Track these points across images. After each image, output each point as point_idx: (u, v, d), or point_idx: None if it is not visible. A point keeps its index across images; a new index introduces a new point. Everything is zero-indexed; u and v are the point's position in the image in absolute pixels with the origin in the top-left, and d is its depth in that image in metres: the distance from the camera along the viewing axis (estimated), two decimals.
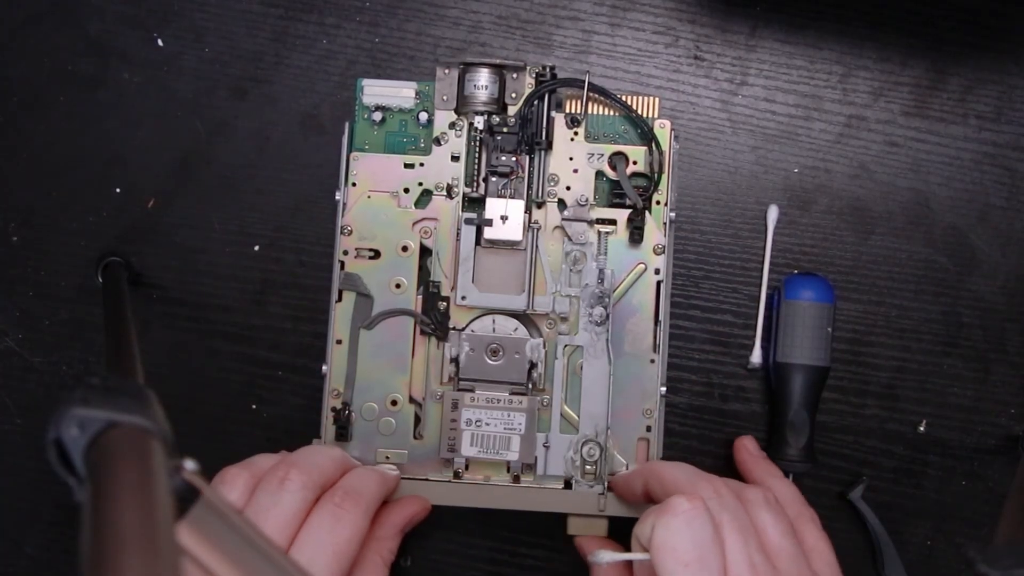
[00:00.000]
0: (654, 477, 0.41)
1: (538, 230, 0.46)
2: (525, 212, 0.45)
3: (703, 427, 0.49)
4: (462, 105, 0.46)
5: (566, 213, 0.46)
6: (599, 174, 0.46)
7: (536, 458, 0.45)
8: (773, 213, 0.49)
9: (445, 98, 0.46)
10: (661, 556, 0.35)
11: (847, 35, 0.50)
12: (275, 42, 0.50)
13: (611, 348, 0.45)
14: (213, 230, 0.50)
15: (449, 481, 0.45)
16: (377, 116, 0.47)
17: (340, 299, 0.46)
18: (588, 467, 0.45)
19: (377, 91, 0.47)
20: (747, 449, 0.47)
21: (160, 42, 0.50)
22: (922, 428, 0.49)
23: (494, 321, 0.46)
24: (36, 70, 0.50)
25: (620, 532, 0.44)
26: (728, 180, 0.50)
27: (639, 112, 0.46)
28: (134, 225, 0.50)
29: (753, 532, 0.37)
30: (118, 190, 0.50)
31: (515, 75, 0.46)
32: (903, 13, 0.50)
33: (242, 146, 0.50)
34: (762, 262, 0.49)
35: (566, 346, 0.45)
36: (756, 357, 0.48)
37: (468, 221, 0.45)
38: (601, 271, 0.45)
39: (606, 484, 0.45)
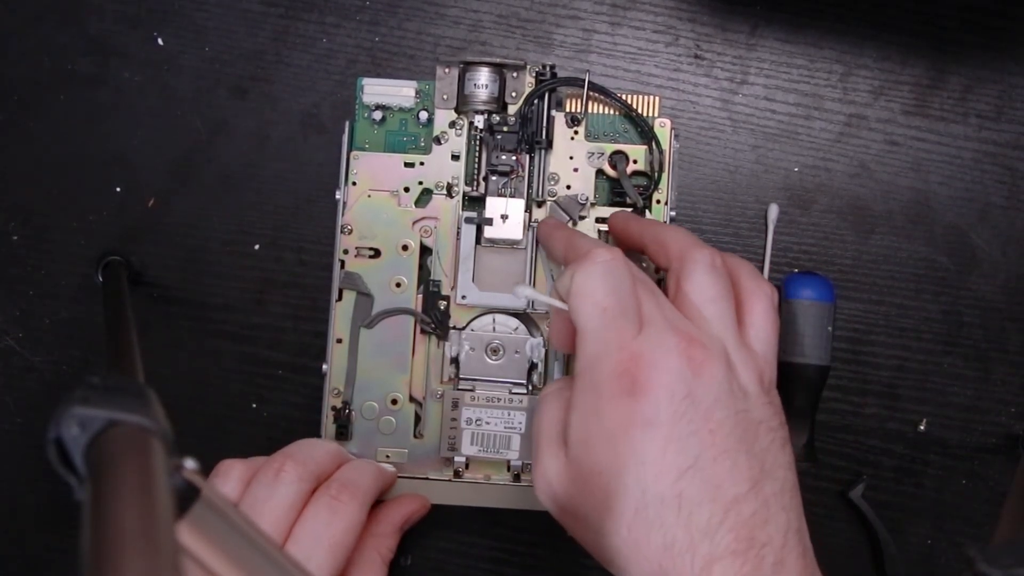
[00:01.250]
0: (572, 247, 0.40)
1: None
2: (525, 211, 0.45)
3: None
4: (462, 104, 0.46)
5: (558, 198, 0.46)
6: (599, 173, 0.46)
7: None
8: (773, 212, 0.49)
9: (445, 97, 0.46)
10: (579, 302, 0.35)
11: (847, 34, 0.50)
12: (275, 41, 0.50)
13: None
14: (213, 229, 0.50)
15: (449, 480, 0.45)
16: (377, 115, 0.47)
17: (340, 298, 0.46)
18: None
19: (377, 90, 0.47)
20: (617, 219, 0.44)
21: (160, 41, 0.50)
22: (922, 427, 0.49)
23: (494, 320, 0.46)
24: (36, 69, 0.50)
25: None
26: (728, 179, 0.50)
27: (639, 111, 0.46)
28: (134, 224, 0.50)
29: (661, 293, 0.37)
30: (118, 189, 0.50)
31: (515, 74, 0.46)
32: (903, 12, 0.50)
33: (242, 145, 0.50)
34: (762, 261, 0.49)
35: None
36: None
37: (468, 220, 0.45)
38: None
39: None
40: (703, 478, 0.33)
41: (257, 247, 0.50)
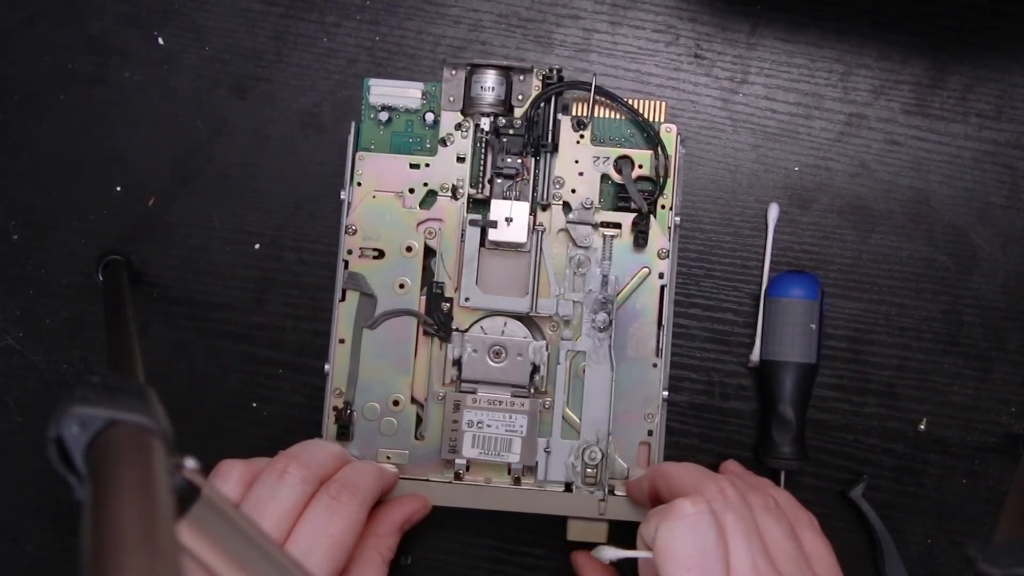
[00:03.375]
0: (660, 477, 0.41)
1: (543, 232, 0.46)
2: (530, 214, 0.45)
3: (703, 425, 0.49)
4: (468, 106, 0.46)
5: (571, 216, 0.46)
6: (604, 177, 0.46)
7: (537, 463, 0.45)
8: (774, 211, 0.49)
9: (451, 99, 0.46)
10: (664, 559, 0.35)
11: (848, 34, 0.50)
12: (275, 40, 0.50)
13: (614, 354, 0.45)
14: (213, 228, 0.50)
15: (450, 482, 0.45)
16: (383, 116, 0.47)
17: (344, 298, 0.46)
18: (589, 472, 0.45)
19: (384, 91, 0.47)
20: (731, 471, 0.46)
21: (160, 40, 0.50)
22: (922, 426, 0.49)
23: (505, 324, 0.46)
24: (37, 69, 0.50)
25: (619, 536, 0.44)
26: (729, 178, 0.49)
27: (645, 116, 0.46)
28: (134, 223, 0.50)
29: (757, 534, 0.37)
30: (118, 188, 0.50)
31: (522, 77, 0.46)
32: (903, 12, 0.50)
33: (242, 144, 0.50)
34: (763, 260, 0.49)
35: (569, 351, 0.45)
36: (756, 355, 0.48)
37: (473, 222, 0.45)
38: (605, 277, 0.45)
39: (606, 489, 0.45)
40: None
41: (257, 246, 0.50)
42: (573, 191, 0.46)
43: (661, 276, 0.46)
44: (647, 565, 0.38)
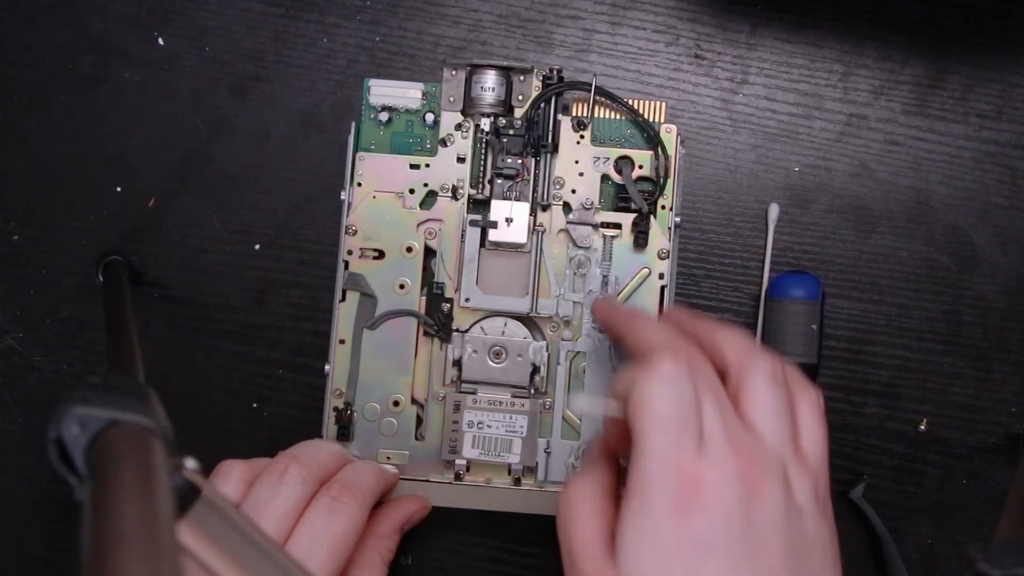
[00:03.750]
0: (632, 331, 0.39)
1: (543, 233, 0.46)
2: (530, 215, 0.45)
3: None
4: (468, 107, 0.46)
5: (571, 217, 0.46)
6: (604, 178, 0.46)
7: (537, 463, 0.45)
8: (774, 212, 0.49)
9: (452, 99, 0.46)
10: (639, 416, 0.34)
11: (848, 34, 0.50)
12: (276, 41, 0.50)
13: (614, 354, 0.45)
14: (214, 229, 0.50)
15: (450, 483, 0.45)
16: (383, 116, 0.47)
17: (344, 299, 0.46)
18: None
19: (384, 92, 0.47)
20: (675, 319, 0.42)
21: (161, 41, 0.50)
22: (923, 427, 0.49)
23: (505, 325, 0.46)
24: (37, 69, 0.50)
25: None
26: (729, 179, 0.49)
27: (645, 116, 0.46)
28: (135, 224, 0.50)
29: (728, 401, 0.35)
30: (119, 189, 0.50)
31: (522, 77, 0.46)
32: (903, 12, 0.50)
33: (243, 145, 0.50)
34: (763, 261, 0.49)
35: (569, 351, 0.45)
36: None
37: (473, 223, 0.45)
38: (605, 277, 0.45)
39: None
40: None
41: (257, 247, 0.50)
42: (573, 191, 0.46)
43: (661, 276, 0.46)
44: (616, 421, 0.37)
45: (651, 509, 0.33)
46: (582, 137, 0.46)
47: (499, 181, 0.46)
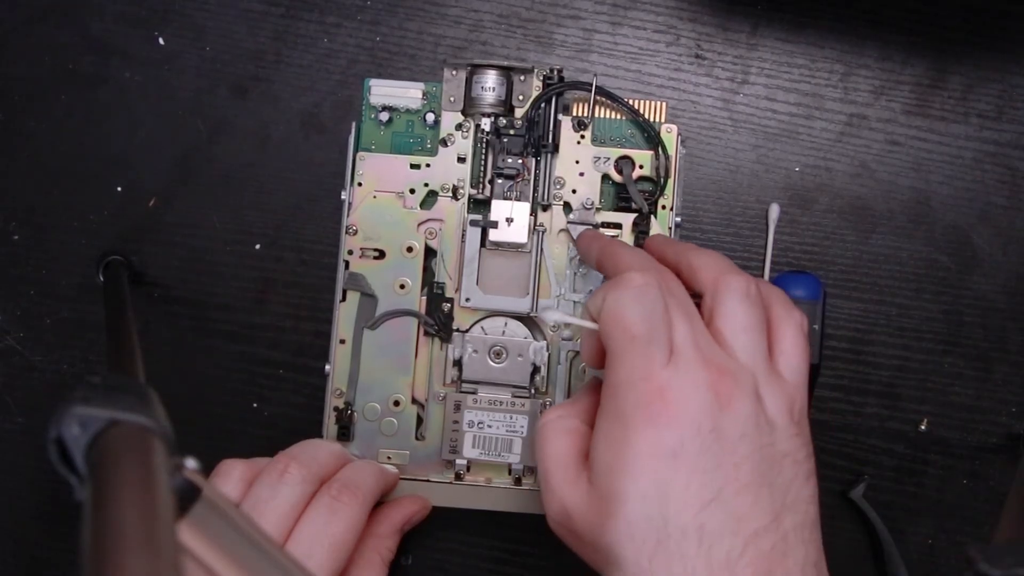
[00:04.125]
0: (610, 256, 0.40)
1: (543, 233, 0.46)
2: (530, 215, 0.45)
3: None
4: (469, 107, 0.46)
5: (571, 216, 0.46)
6: (605, 177, 0.46)
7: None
8: (774, 212, 0.49)
9: (452, 99, 0.46)
10: (610, 327, 0.35)
11: (848, 34, 0.50)
12: (276, 41, 0.50)
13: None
14: (214, 229, 0.50)
15: (450, 483, 0.45)
16: (384, 116, 0.47)
17: (344, 299, 0.46)
18: None
19: (384, 91, 0.47)
20: (658, 243, 0.42)
21: (161, 41, 0.50)
22: (923, 427, 0.49)
23: (505, 324, 0.46)
24: (37, 69, 0.50)
25: None
26: (729, 179, 0.49)
27: (646, 116, 0.46)
28: (135, 224, 0.50)
29: (700, 319, 0.36)
30: (119, 189, 0.50)
31: (522, 77, 0.46)
32: (904, 12, 0.50)
33: (243, 145, 0.50)
34: (763, 261, 0.49)
35: (569, 351, 0.45)
36: None
37: (473, 223, 0.45)
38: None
39: None
40: (725, 511, 0.33)
41: (258, 247, 0.50)
42: (574, 191, 0.46)
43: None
44: (591, 337, 0.37)
45: (621, 418, 0.34)
46: (583, 137, 0.46)
47: (499, 181, 0.46)
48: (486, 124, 0.46)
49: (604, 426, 0.35)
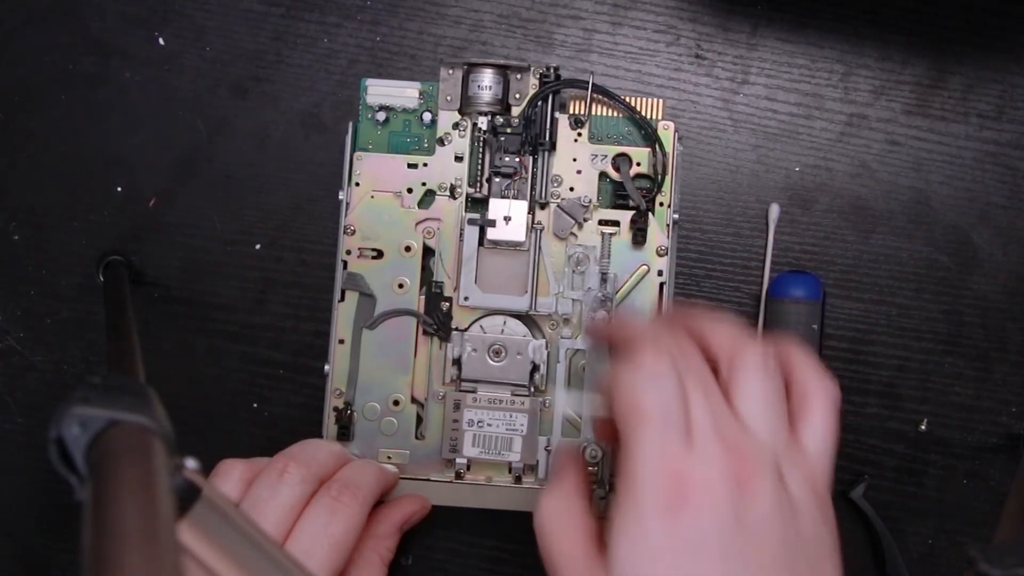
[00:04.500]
0: (620, 331, 0.39)
1: (541, 231, 0.46)
2: (528, 213, 0.45)
3: None
4: (466, 105, 0.46)
5: (563, 203, 0.46)
6: (602, 175, 0.46)
7: (538, 461, 0.45)
8: (774, 212, 0.49)
9: (449, 98, 0.46)
10: (623, 411, 0.33)
11: (848, 34, 0.50)
12: (276, 41, 0.50)
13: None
14: (214, 229, 0.50)
15: (451, 482, 0.45)
16: (381, 116, 0.47)
17: (343, 299, 0.46)
18: (591, 468, 0.45)
19: (381, 91, 0.47)
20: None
21: (161, 41, 0.50)
22: (923, 427, 0.49)
23: (504, 323, 0.46)
24: (37, 69, 0.50)
25: None
26: (729, 179, 0.49)
27: (643, 114, 0.46)
28: (135, 224, 0.50)
29: (719, 394, 0.34)
30: (119, 189, 0.50)
31: (519, 76, 0.46)
32: (904, 12, 0.50)
33: (243, 145, 0.50)
34: (763, 261, 0.49)
35: (568, 349, 0.45)
36: None
37: (471, 222, 0.45)
38: (604, 274, 0.45)
39: (608, 487, 0.45)
40: None
41: (258, 247, 0.50)
42: (571, 189, 0.46)
43: (660, 274, 0.46)
44: (603, 422, 0.36)
45: (639, 510, 0.32)
46: (580, 135, 0.46)
47: (497, 179, 0.46)
48: (483, 123, 0.46)
49: (622, 516, 0.33)
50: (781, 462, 0.34)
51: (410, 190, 0.46)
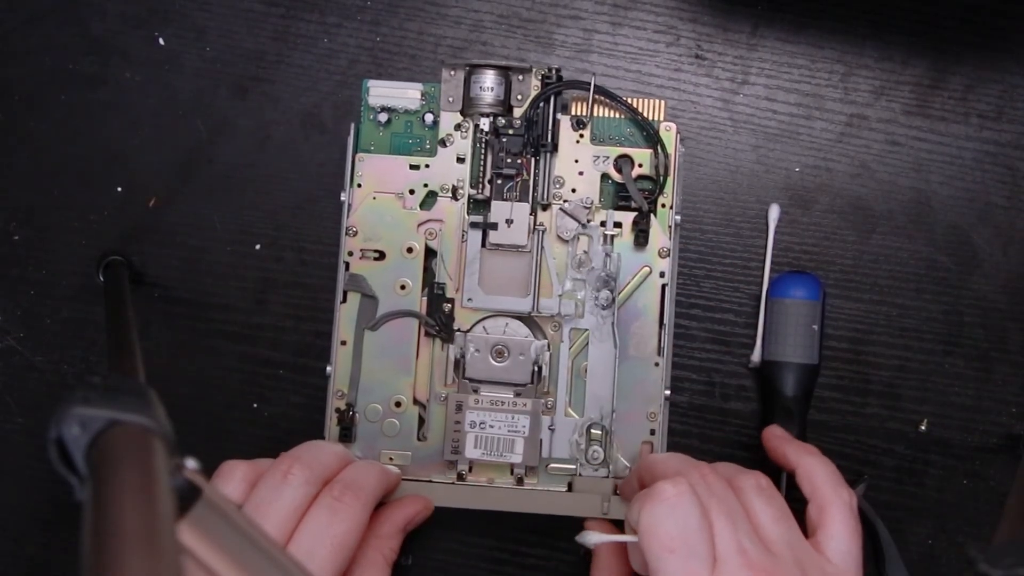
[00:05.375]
0: (646, 470, 0.41)
1: (543, 232, 0.46)
2: (530, 215, 0.45)
3: (704, 426, 0.49)
4: (468, 107, 0.46)
5: (566, 206, 0.46)
6: (604, 176, 0.46)
7: (541, 441, 0.45)
8: (774, 212, 0.49)
9: (451, 100, 0.46)
10: (647, 542, 0.35)
11: (848, 34, 0.50)
12: (276, 41, 0.50)
13: (616, 331, 0.45)
14: (214, 229, 0.50)
15: (452, 483, 0.45)
16: (383, 117, 0.47)
17: (345, 300, 0.46)
18: (594, 449, 0.45)
19: (383, 92, 0.47)
20: (774, 434, 0.44)
21: (161, 41, 0.50)
22: (923, 427, 0.49)
23: (507, 324, 0.46)
24: (37, 69, 0.50)
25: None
26: (729, 179, 0.49)
27: (645, 115, 0.46)
28: (135, 224, 0.50)
29: (743, 516, 0.36)
30: (119, 189, 0.50)
31: (521, 77, 0.46)
32: (904, 12, 0.50)
33: (243, 145, 0.50)
34: (763, 261, 0.49)
35: (572, 329, 0.45)
36: (757, 356, 0.48)
37: (473, 224, 0.45)
38: (607, 256, 0.45)
39: (611, 469, 0.45)
40: None
41: (258, 247, 0.50)
42: (573, 190, 0.46)
43: (662, 275, 0.46)
44: (636, 551, 0.37)
45: None
46: (581, 136, 0.46)
47: (499, 181, 0.46)
48: (485, 124, 0.46)
49: None
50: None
51: (412, 191, 0.46)
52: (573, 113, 0.46)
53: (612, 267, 0.45)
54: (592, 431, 0.45)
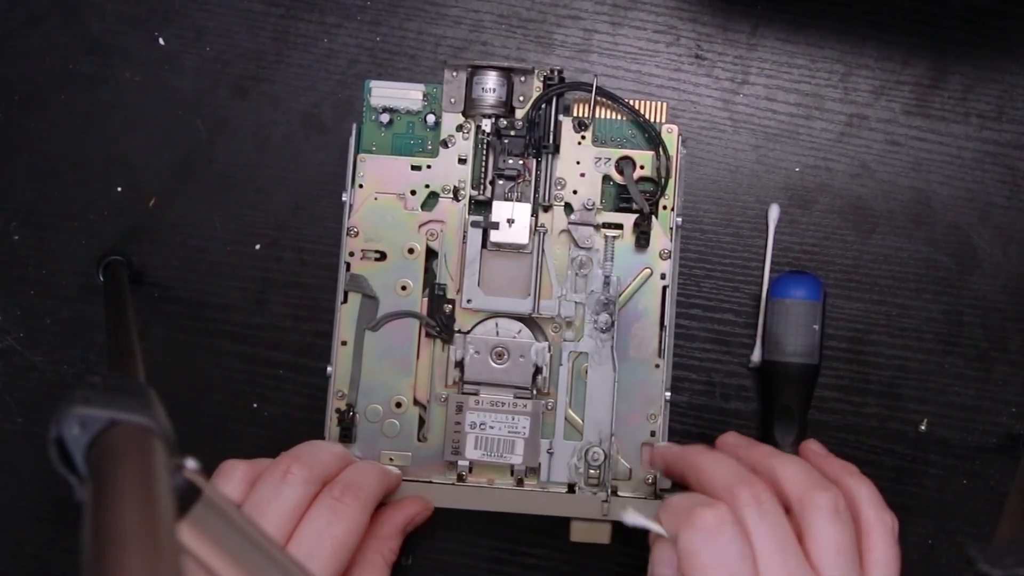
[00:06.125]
0: (692, 468, 0.39)
1: (544, 234, 0.46)
2: (532, 216, 0.45)
3: (704, 426, 0.49)
4: (470, 108, 0.46)
5: (573, 217, 0.46)
6: (606, 178, 0.46)
7: (540, 464, 0.45)
8: (774, 212, 0.49)
9: (453, 100, 0.46)
10: (687, 564, 0.34)
11: (848, 34, 0.50)
12: (276, 41, 0.50)
13: (616, 355, 0.45)
14: (214, 229, 0.50)
15: (453, 484, 0.45)
16: (384, 118, 0.47)
17: (346, 300, 0.46)
18: (592, 472, 0.45)
19: (385, 93, 0.47)
20: (813, 451, 0.43)
21: (161, 41, 0.50)
22: (923, 427, 0.49)
23: (496, 324, 0.46)
24: (37, 69, 0.50)
25: (623, 537, 0.44)
26: (729, 179, 0.49)
27: (647, 117, 0.46)
28: (135, 224, 0.50)
29: (795, 547, 0.35)
30: (119, 189, 0.50)
31: (523, 78, 0.46)
32: (904, 12, 0.50)
33: (243, 145, 0.50)
34: (763, 261, 0.49)
35: (571, 352, 0.45)
36: (757, 356, 0.48)
37: (475, 224, 0.45)
38: (607, 278, 0.45)
39: (609, 490, 0.45)
40: None
41: (258, 247, 0.50)
42: (575, 192, 0.46)
43: (663, 277, 0.46)
44: (665, 551, 0.37)
45: None
46: (583, 138, 0.46)
47: (500, 182, 0.46)
48: (487, 125, 0.46)
49: None
50: None
51: (413, 192, 0.46)
52: (575, 114, 0.46)
53: (612, 291, 0.45)
54: (591, 453, 0.45)
